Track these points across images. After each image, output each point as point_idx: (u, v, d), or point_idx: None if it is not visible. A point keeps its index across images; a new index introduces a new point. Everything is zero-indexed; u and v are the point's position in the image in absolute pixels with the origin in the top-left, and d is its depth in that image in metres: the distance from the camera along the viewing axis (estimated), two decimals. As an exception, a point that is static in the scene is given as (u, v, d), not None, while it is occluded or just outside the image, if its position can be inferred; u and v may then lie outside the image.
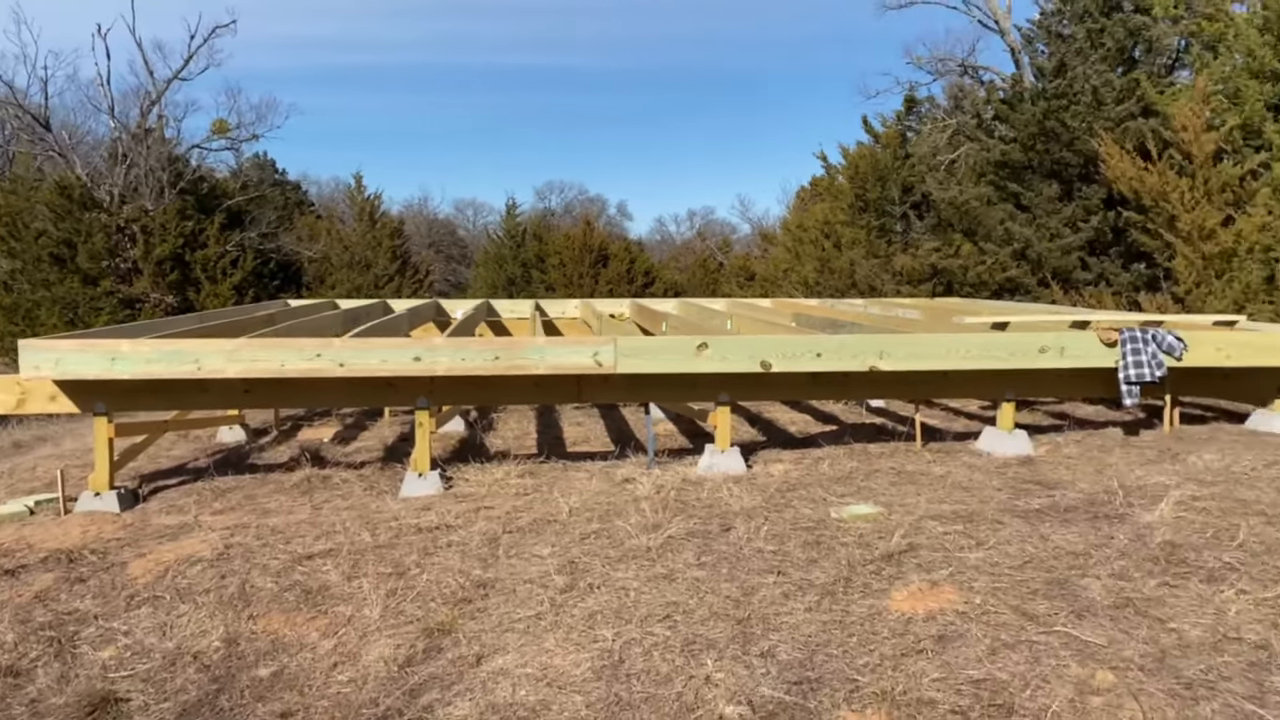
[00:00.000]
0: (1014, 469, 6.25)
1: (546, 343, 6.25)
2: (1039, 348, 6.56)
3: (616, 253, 37.14)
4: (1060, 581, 4.08)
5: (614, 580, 4.34)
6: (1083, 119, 13.04)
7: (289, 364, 5.94)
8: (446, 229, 61.26)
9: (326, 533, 5.24)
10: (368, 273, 28.48)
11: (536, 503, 5.72)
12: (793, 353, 6.37)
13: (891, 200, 17.98)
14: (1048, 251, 13.28)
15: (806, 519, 5.15)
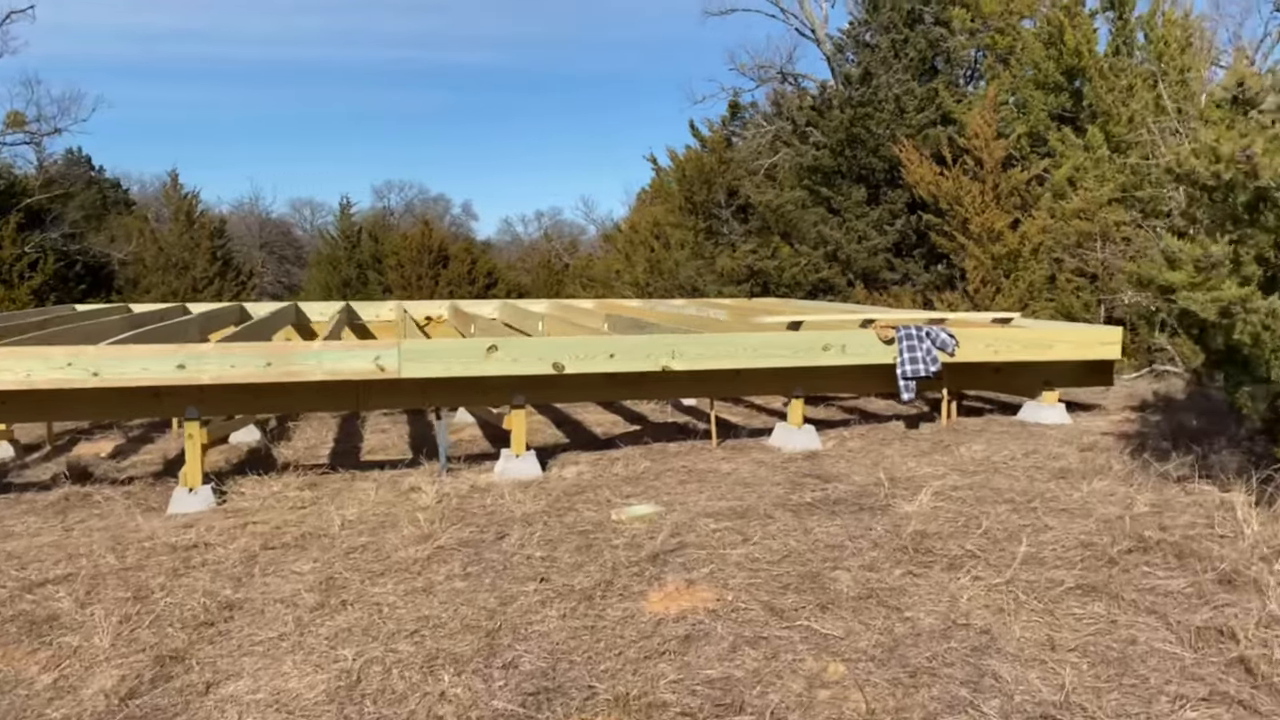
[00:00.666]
0: (798, 463, 6.41)
1: (323, 347, 6.01)
2: (822, 345, 6.75)
3: (457, 253, 36.51)
4: (813, 575, 4.17)
5: (369, 596, 4.17)
6: (886, 126, 13.61)
7: (36, 374, 5.50)
8: (280, 229, 58.93)
9: (70, 556, 4.86)
10: (185, 275, 27.00)
11: (310, 516, 5.48)
12: (586, 354, 6.34)
13: (718, 203, 18.32)
14: (856, 253, 13.79)
15: (586, 522, 5.11)
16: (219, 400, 6.09)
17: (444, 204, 64.89)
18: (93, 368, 5.56)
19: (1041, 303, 11.28)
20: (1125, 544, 4.33)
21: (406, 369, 6.03)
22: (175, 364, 5.68)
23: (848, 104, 14.05)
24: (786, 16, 21.08)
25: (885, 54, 14.31)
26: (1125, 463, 5.77)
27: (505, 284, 38.09)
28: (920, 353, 6.94)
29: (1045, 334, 7.35)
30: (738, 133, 19.21)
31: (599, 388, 6.79)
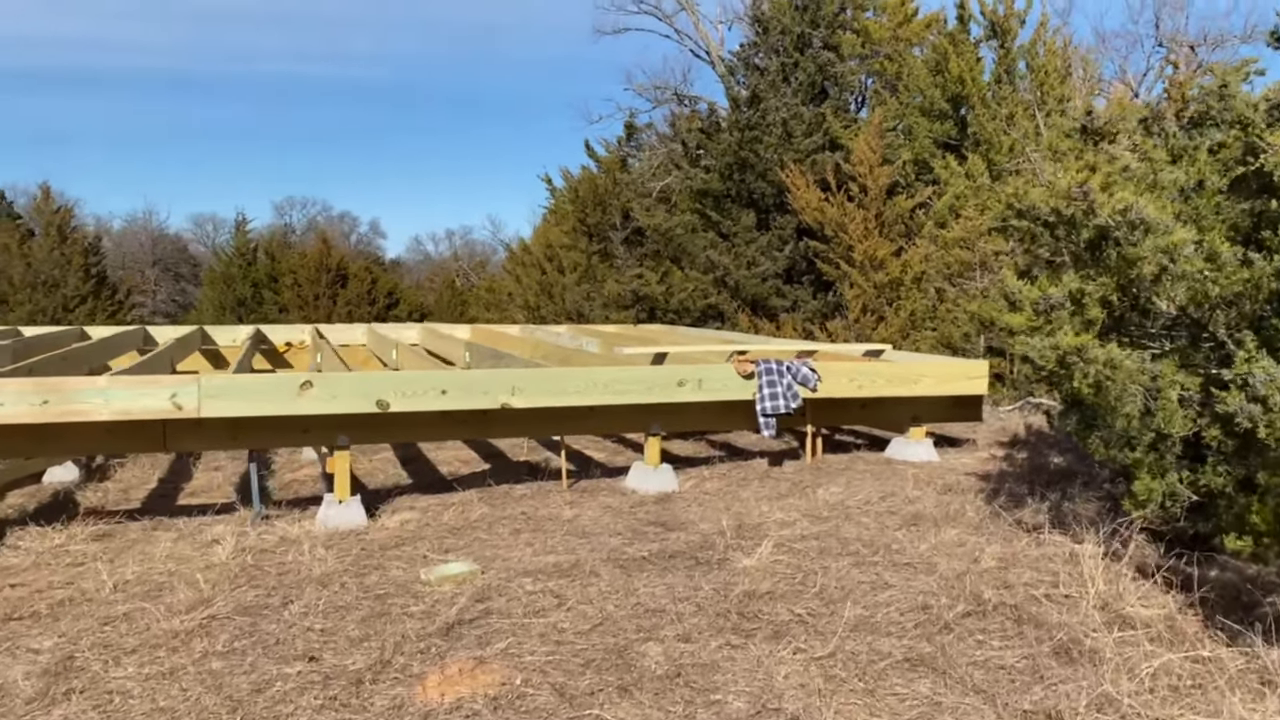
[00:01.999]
0: (647, 508, 5.98)
1: (109, 383, 5.36)
2: (677, 381, 6.35)
3: (357, 272, 35.53)
4: (622, 649, 3.71)
5: (104, 682, 3.57)
6: (774, 150, 13.42)
7: None
8: (176, 245, 56.89)
9: None
10: (55, 294, 25.54)
11: (83, 576, 4.82)
12: (414, 390, 5.82)
13: (613, 225, 17.95)
14: (745, 279, 13.53)
15: (389, 584, 4.58)
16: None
17: (350, 221, 63.48)
18: None
19: (923, 333, 11.13)
20: (963, 606, 3.98)
21: (208, 408, 5.43)
22: (-71, 403, 4.98)
23: (736, 127, 13.83)
24: (681, 38, 20.93)
25: (774, 77, 14.15)
26: (980, 508, 5.47)
27: (408, 304, 37.19)
28: (780, 388, 6.59)
29: (911, 368, 7.08)
30: (633, 154, 18.91)
31: (435, 427, 6.26)
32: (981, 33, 13.32)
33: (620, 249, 17.65)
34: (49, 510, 6.36)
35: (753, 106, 13.99)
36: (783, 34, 14.39)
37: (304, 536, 5.45)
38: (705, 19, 21.10)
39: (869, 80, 15.40)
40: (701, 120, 15.31)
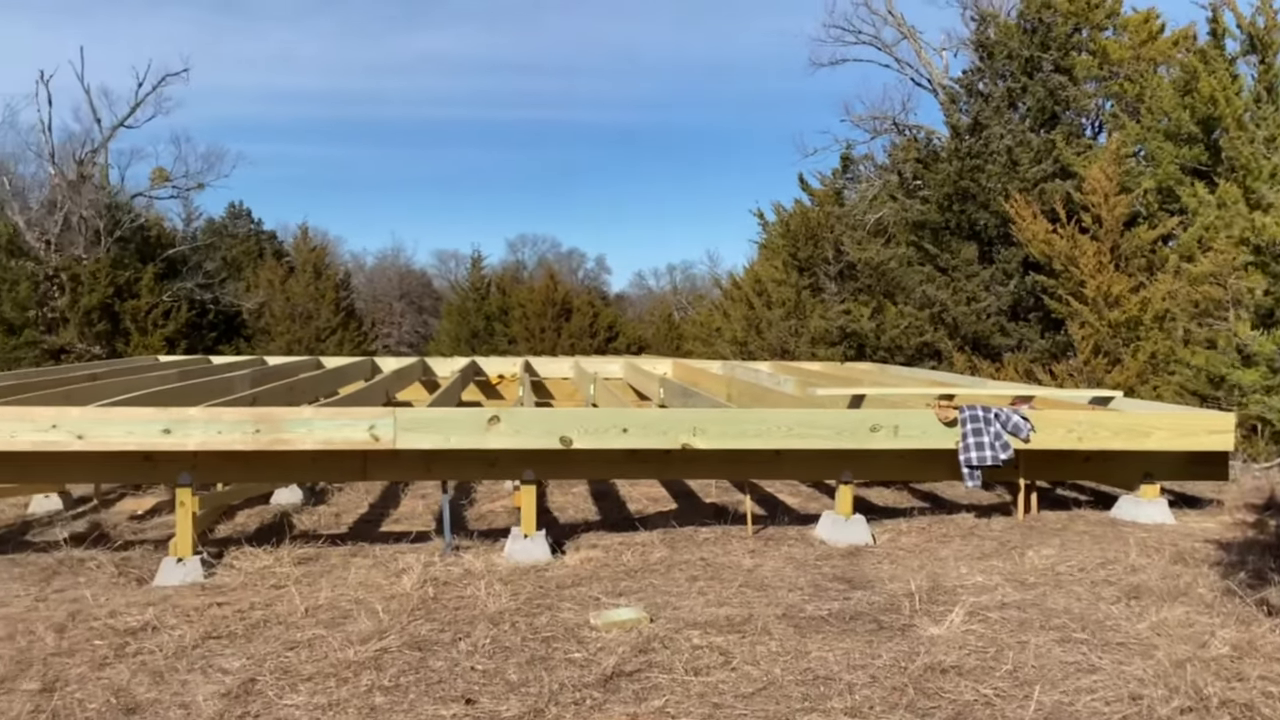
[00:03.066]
0: (834, 561, 5.65)
1: (314, 414, 5.66)
2: (870, 426, 6.00)
3: (580, 306, 36.73)
4: (781, 719, 3.45)
5: (277, 708, 3.69)
6: (998, 179, 12.66)
7: (20, 436, 5.34)
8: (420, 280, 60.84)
9: (13, 634, 4.58)
10: (310, 325, 27.92)
11: (281, 599, 5.07)
12: (596, 428, 5.80)
13: (825, 259, 17.56)
14: (963, 316, 12.80)
15: (557, 626, 4.52)
16: (212, 466, 5.82)
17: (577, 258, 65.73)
18: (77, 430, 5.37)
19: (1164, 378, 10.07)
20: (1181, 701, 3.44)
21: (403, 440, 5.62)
22: (160, 428, 5.44)
23: (956, 155, 13.17)
24: (901, 66, 20.28)
25: (999, 103, 13.39)
26: (1215, 583, 4.78)
27: (626, 337, 38.06)
28: (988, 437, 6.09)
29: (1141, 419, 6.36)
30: (849, 186, 18.45)
31: (617, 464, 6.22)
32: (1238, 48, 12.05)
33: (831, 284, 17.22)
34: (267, 531, 6.80)
35: (975, 134, 13.29)
36: (1009, 58, 13.61)
37: (486, 570, 5.51)
38: (928, 46, 20.42)
39: (1106, 104, 14.30)
40: (919, 149, 14.72)
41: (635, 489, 8.35)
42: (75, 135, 27.44)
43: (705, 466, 6.36)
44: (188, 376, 8.73)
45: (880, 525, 6.48)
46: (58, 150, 26.15)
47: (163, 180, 27.63)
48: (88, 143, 26.29)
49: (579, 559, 5.81)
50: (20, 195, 26.35)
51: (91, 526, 6.98)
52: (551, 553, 5.90)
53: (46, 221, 24.46)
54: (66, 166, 25.59)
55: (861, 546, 6.03)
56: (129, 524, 7.23)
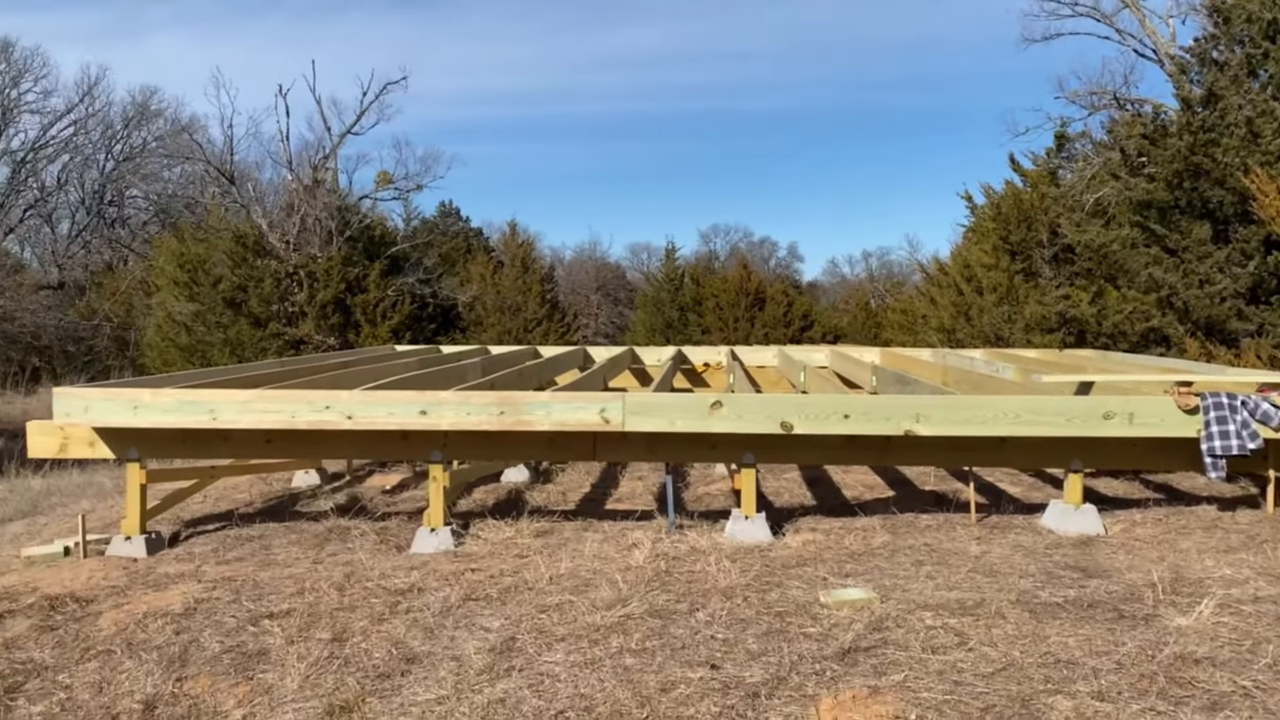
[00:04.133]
0: (1064, 550, 5.54)
1: (551, 398, 6.05)
2: (1103, 413, 5.81)
3: (774, 296, 36.67)
4: (1025, 700, 3.49)
5: (538, 663, 4.05)
6: (1236, 153, 11.75)
7: (299, 416, 5.99)
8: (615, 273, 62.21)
9: (301, 590, 5.19)
10: (518, 317, 29.22)
11: (526, 567, 5.49)
12: (817, 414, 5.91)
13: (1039, 242, 16.84)
14: (1195, 300, 11.98)
15: (788, 602, 4.69)
16: (460, 445, 6.33)
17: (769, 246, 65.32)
18: (347, 411, 5.97)
19: None
20: None
21: (631, 422, 5.93)
22: (418, 410, 5.97)
23: (1187, 130, 12.32)
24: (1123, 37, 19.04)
25: (1237, 72, 12.41)
26: None
27: (821, 326, 37.70)
28: (1233, 425, 5.78)
29: None
30: (1064, 166, 17.57)
31: (836, 450, 6.30)
32: None
33: (1046, 268, 16.49)
34: (504, 506, 7.31)
35: (1209, 106, 12.39)
36: (1248, 22, 12.59)
37: (711, 548, 5.75)
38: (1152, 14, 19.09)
39: (1366, 64, 12.94)
40: (1145, 125, 13.86)
41: (848, 475, 8.39)
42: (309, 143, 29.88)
43: (926, 453, 6.34)
44: (426, 364, 9.44)
45: (1112, 516, 6.27)
46: (294, 158, 28.52)
47: (386, 183, 29.60)
48: (320, 150, 28.50)
49: (800, 541, 5.95)
50: (261, 200, 28.95)
51: (350, 499, 7.72)
52: (772, 534, 6.07)
53: (285, 224, 26.72)
54: (302, 172, 27.85)
55: (1093, 536, 5.86)
56: (381, 497, 7.94)
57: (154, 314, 27.06)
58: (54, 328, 30.29)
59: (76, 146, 39.03)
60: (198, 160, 30.11)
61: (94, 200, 39.21)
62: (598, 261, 62.78)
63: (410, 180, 31.17)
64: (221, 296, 25.06)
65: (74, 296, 33.51)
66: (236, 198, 28.18)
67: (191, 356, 24.38)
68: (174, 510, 7.12)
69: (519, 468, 8.70)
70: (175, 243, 27.47)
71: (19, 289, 29.54)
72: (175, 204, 37.29)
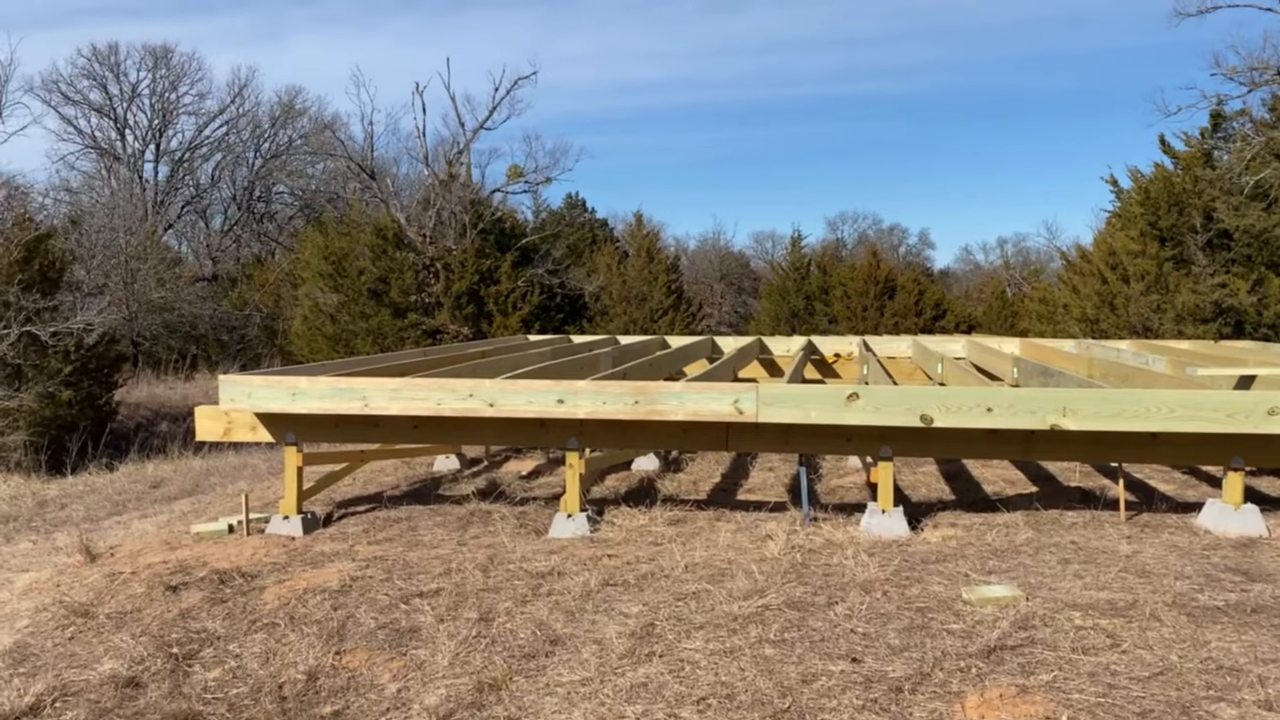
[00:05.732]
0: (1224, 552, 5.28)
1: (684, 388, 6.11)
2: (1268, 409, 5.50)
3: (904, 284, 35.85)
4: (1186, 706, 3.36)
5: (678, 650, 4.12)
6: None
7: (445, 403, 6.22)
8: (739, 262, 61.95)
9: (448, 570, 5.40)
10: (644, 306, 29.45)
11: (662, 554, 5.57)
12: (958, 406, 5.78)
13: (1192, 228, 15.98)
14: (1370, 287, 11.18)
15: (929, 598, 4.63)
16: (595, 434, 6.46)
17: (899, 234, 63.91)
18: (489, 399, 6.17)
19: None
20: None
21: (764, 413, 5.93)
22: (556, 398, 6.11)
23: (1362, 105, 11.48)
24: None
25: None
26: None
27: (954, 315, 36.67)
28: None
29: None
30: (1220, 146, 16.58)
31: (977, 444, 6.15)
32: None
33: (1199, 255, 15.62)
34: (636, 494, 7.42)
35: (1388, 78, 11.52)
36: None
37: (848, 541, 5.71)
38: (1322, -20, 17.73)
39: None
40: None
41: (988, 470, 8.18)
42: (444, 139, 30.79)
43: (1071, 448, 6.12)
44: (559, 354, 9.64)
45: (1275, 517, 5.94)
46: (430, 153, 29.44)
47: (517, 177, 30.22)
48: (454, 145, 29.32)
49: (939, 536, 5.85)
50: (399, 194, 30.00)
51: (489, 484, 7.97)
52: (910, 529, 5.98)
53: (422, 217, 27.63)
54: (438, 167, 28.72)
55: (1255, 538, 5.57)
56: (518, 482, 8.17)
57: (300, 304, 28.39)
58: (209, 317, 32.13)
59: (228, 145, 41.33)
60: (339, 157, 31.40)
61: (244, 196, 41.42)
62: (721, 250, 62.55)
63: (539, 173, 31.76)
64: (364, 287, 26.11)
65: (226, 288, 35.47)
66: (376, 192, 29.29)
67: (336, 345, 25.49)
68: (326, 492, 7.49)
69: (649, 457, 8.79)
70: (319, 236, 28.77)
71: (177, 281, 31.48)
72: (319, 199, 39.00)
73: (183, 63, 40.02)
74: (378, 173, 29.69)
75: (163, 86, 39.71)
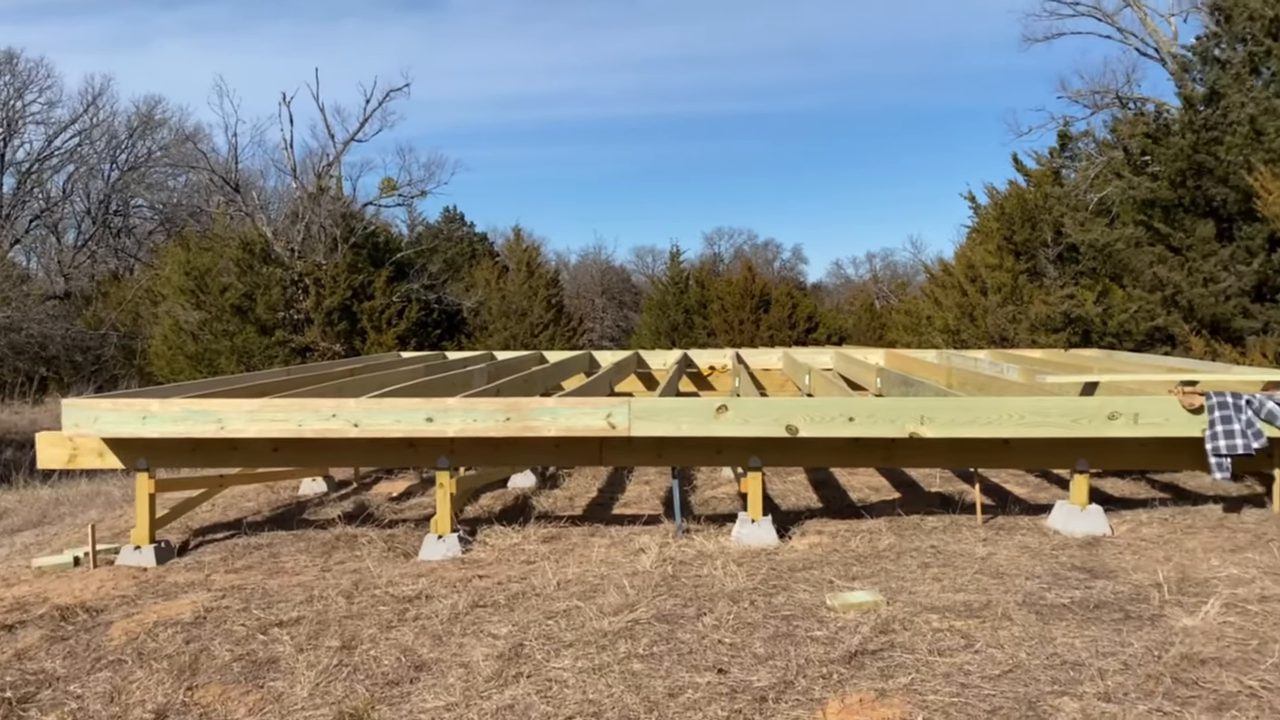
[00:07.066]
0: (1071, 551, 5.55)
1: (557, 403, 6.08)
2: (1108, 413, 5.82)
3: (778, 298, 36.69)
4: (1031, 701, 3.50)
5: (546, 669, 4.07)
6: (1239, 151, 11.76)
7: (306, 424, 6.02)
8: (620, 276, 62.26)
9: (310, 598, 5.22)
10: (524, 321, 29.27)
11: (534, 573, 5.51)
12: (822, 416, 5.92)
13: (1043, 242, 16.85)
14: (1200, 298, 11.99)
15: (795, 606, 4.71)
16: (466, 452, 6.36)
17: (773, 249, 65.35)
18: (353, 419, 6.00)
19: None
20: None
21: (637, 427, 5.95)
22: (424, 417, 5.99)
23: (1190, 128, 12.33)
24: (1125, 36, 19.04)
25: (1239, 69, 12.42)
26: None
27: (826, 328, 37.67)
28: (1238, 424, 5.78)
29: None
30: (1067, 165, 17.58)
31: (842, 453, 6.31)
32: None
33: (1050, 267, 16.49)
34: (511, 512, 7.33)
35: (1211, 104, 12.39)
36: (1250, 20, 12.59)
37: (718, 552, 5.77)
38: (1153, 13, 19.09)
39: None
40: (1147, 123, 13.87)
41: (854, 478, 8.41)
42: (313, 151, 29.98)
43: (931, 455, 6.36)
44: (432, 371, 9.47)
45: (1118, 516, 6.28)
46: (298, 165, 28.63)
47: (391, 190, 29.71)
48: (324, 157, 28.62)
49: (807, 544, 5.96)
50: (266, 208, 29.08)
51: (358, 507, 7.74)
52: (779, 537, 6.08)
53: (290, 231, 26.82)
54: (306, 180, 27.96)
55: (1099, 537, 5.87)
56: (388, 504, 7.97)
57: (160, 322, 27.16)
58: (61, 338, 30.38)
59: (81, 157, 39.28)
60: (202, 169, 30.30)
61: (99, 210, 39.41)
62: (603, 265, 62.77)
63: (414, 186, 31.32)
64: (228, 304, 25.17)
65: (80, 306, 33.64)
66: (241, 206, 28.32)
67: (199, 364, 24.47)
68: (183, 519, 7.15)
69: (526, 473, 8.71)
70: (181, 251, 27.60)
71: (25, 299, 29.64)
72: (180, 213, 37.46)
73: (30, 69, 37.86)
74: (243, 185, 28.70)
75: (7, 94, 37.47)
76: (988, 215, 18.83)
